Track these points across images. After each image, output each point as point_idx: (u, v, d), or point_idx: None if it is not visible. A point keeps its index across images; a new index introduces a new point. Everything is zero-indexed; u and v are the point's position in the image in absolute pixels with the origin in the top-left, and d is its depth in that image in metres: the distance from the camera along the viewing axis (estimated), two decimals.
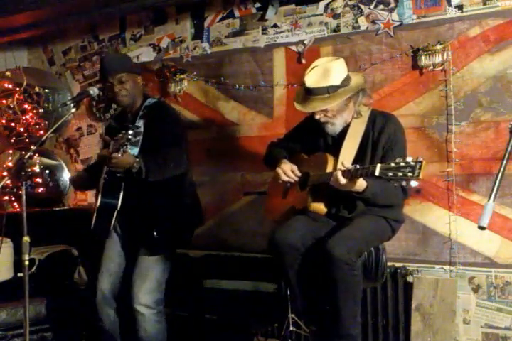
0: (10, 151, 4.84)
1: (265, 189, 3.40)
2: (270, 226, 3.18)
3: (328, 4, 3.73)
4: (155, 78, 4.44)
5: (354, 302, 2.62)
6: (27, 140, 4.80)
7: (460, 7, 3.29)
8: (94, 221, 2.96)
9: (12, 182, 4.51)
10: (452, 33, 3.30)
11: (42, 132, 4.84)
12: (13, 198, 4.72)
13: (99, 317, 3.07)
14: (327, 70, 2.70)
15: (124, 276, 3.07)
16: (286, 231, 2.76)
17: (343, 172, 2.49)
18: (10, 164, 4.71)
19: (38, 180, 4.68)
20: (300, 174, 2.87)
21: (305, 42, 3.80)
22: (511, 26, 3.14)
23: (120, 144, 2.60)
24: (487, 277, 3.21)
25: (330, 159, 2.74)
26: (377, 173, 2.31)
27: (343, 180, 2.49)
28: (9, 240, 3.64)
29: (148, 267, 2.95)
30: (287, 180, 2.89)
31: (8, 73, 4.87)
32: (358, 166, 2.46)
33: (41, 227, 3.58)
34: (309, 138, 2.95)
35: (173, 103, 4.12)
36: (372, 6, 3.56)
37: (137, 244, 2.99)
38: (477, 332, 3.24)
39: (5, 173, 4.57)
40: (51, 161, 4.91)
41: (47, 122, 4.92)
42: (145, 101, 3.04)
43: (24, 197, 2.73)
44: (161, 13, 4.45)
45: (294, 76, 3.81)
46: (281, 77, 3.91)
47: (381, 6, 3.53)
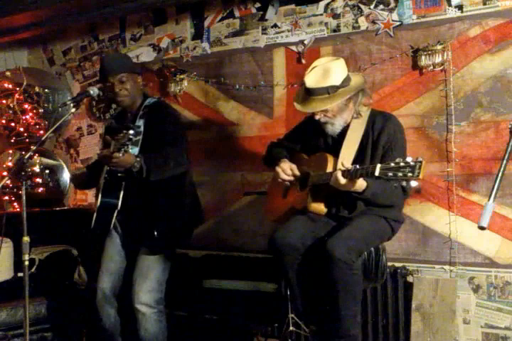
0: (10, 151, 4.85)
1: (265, 189, 3.41)
2: (270, 226, 3.19)
3: (328, 4, 3.73)
4: (155, 78, 4.43)
5: (354, 302, 2.62)
6: (27, 140, 4.81)
7: (460, 7, 3.28)
8: (94, 220, 2.96)
9: (12, 182, 4.51)
10: (452, 33, 3.30)
11: (42, 132, 4.85)
12: (13, 198, 4.73)
13: (99, 316, 3.07)
14: (327, 70, 2.70)
15: (125, 275, 3.08)
16: (286, 231, 2.76)
17: (343, 172, 2.49)
18: (10, 164, 4.72)
19: (38, 180, 4.67)
20: (299, 173, 2.87)
21: (305, 42, 3.80)
22: (511, 26, 3.14)
23: (121, 144, 2.59)
24: (487, 277, 3.21)
25: (330, 159, 2.74)
26: (377, 173, 2.31)
27: (343, 180, 2.49)
28: (9, 240, 3.64)
29: (148, 266, 2.95)
30: (287, 179, 2.89)
31: (8, 73, 4.87)
32: (358, 166, 2.46)
33: (41, 227, 3.59)
34: (309, 138, 2.95)
35: (173, 103, 4.11)
36: (372, 6, 3.56)
37: (137, 243, 3.00)
38: (477, 332, 3.23)
39: (5, 173, 4.57)
40: (51, 161, 4.91)
41: (47, 122, 4.92)
42: (145, 100, 3.04)
43: (24, 197, 2.74)
44: (161, 13, 4.44)
45: (294, 76, 3.81)
46: (281, 77, 3.91)
47: (381, 6, 3.53)
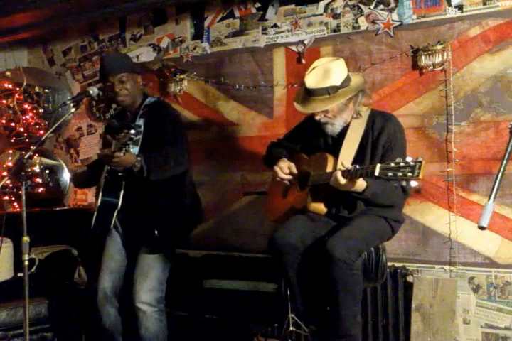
0: (10, 151, 4.85)
1: (265, 189, 3.41)
2: (270, 226, 3.19)
3: (328, 4, 3.73)
4: (155, 78, 4.43)
5: (354, 302, 2.62)
6: (27, 140, 4.81)
7: (460, 7, 3.28)
8: (94, 219, 2.96)
9: (12, 182, 4.51)
10: (452, 33, 3.29)
11: (42, 132, 4.85)
12: (13, 198, 4.73)
13: (99, 316, 3.07)
14: (327, 71, 2.69)
15: (125, 275, 3.08)
16: (286, 230, 2.76)
17: (343, 172, 2.49)
18: (10, 164, 4.72)
19: (38, 180, 4.67)
20: (296, 172, 2.87)
21: (305, 42, 3.80)
22: (511, 26, 3.14)
23: (122, 143, 2.60)
24: (487, 277, 3.21)
25: (330, 159, 2.74)
26: (376, 173, 2.31)
27: (343, 180, 2.48)
28: (9, 240, 3.64)
29: (149, 265, 2.95)
30: (285, 178, 2.88)
31: (8, 73, 4.87)
32: (358, 166, 2.45)
33: (41, 227, 3.59)
34: (309, 138, 2.95)
35: (173, 103, 4.10)
36: (372, 6, 3.56)
37: (138, 243, 3.00)
38: (477, 332, 3.23)
39: (5, 173, 4.57)
40: (51, 161, 4.91)
41: (47, 122, 4.92)
42: (145, 100, 3.05)
43: (24, 197, 2.74)
44: (161, 13, 4.44)
45: (294, 76, 3.81)
46: (281, 77, 3.91)
47: (381, 6, 3.52)
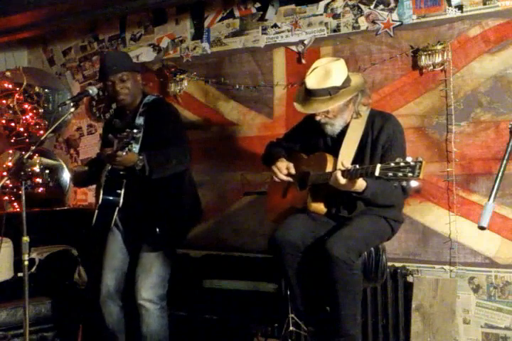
0: (10, 151, 4.85)
1: (265, 189, 3.40)
2: (270, 226, 3.18)
3: (328, 4, 3.73)
4: (155, 78, 4.43)
5: (354, 302, 2.62)
6: (27, 140, 4.81)
7: (460, 7, 3.28)
8: (95, 218, 2.97)
9: (12, 182, 4.51)
10: (452, 33, 3.29)
11: (42, 132, 4.85)
12: (13, 198, 4.73)
13: (102, 315, 3.07)
14: (328, 71, 2.69)
15: (127, 273, 3.09)
16: (286, 229, 2.76)
17: (343, 172, 2.49)
18: (10, 164, 4.72)
19: (38, 180, 4.67)
20: (295, 172, 2.87)
21: (305, 42, 3.80)
22: (511, 26, 3.14)
23: (125, 143, 2.61)
24: (487, 277, 3.21)
25: (330, 159, 2.74)
26: (377, 173, 2.30)
27: (343, 180, 2.48)
28: (9, 240, 3.64)
29: (151, 263, 2.96)
30: (283, 179, 2.88)
31: (8, 73, 4.87)
32: (358, 166, 2.45)
33: (41, 227, 3.59)
34: (308, 138, 2.94)
35: (173, 103, 4.09)
36: (372, 6, 3.55)
37: (139, 241, 3.00)
38: (477, 332, 3.23)
39: (5, 173, 4.57)
40: (51, 161, 4.91)
41: (47, 122, 4.92)
42: (144, 98, 3.05)
43: (24, 197, 2.74)
44: (161, 13, 4.44)
45: (294, 76, 3.81)
46: (281, 77, 3.91)
47: (381, 6, 3.52)
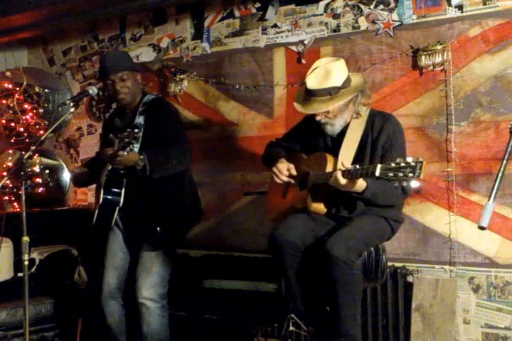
0: (10, 151, 4.85)
1: (265, 189, 3.40)
2: (270, 226, 3.18)
3: (328, 4, 3.73)
4: (155, 78, 4.43)
5: (354, 302, 2.62)
6: (27, 140, 4.81)
7: (460, 7, 3.28)
8: (96, 217, 2.97)
9: (12, 182, 4.51)
10: (452, 33, 3.29)
11: (42, 132, 4.84)
12: (13, 198, 4.73)
13: (103, 313, 3.07)
14: (328, 71, 2.69)
15: (128, 272, 3.09)
16: (286, 229, 2.76)
17: (343, 172, 2.49)
18: (10, 164, 4.71)
19: (38, 180, 4.67)
20: (296, 173, 2.86)
21: (305, 42, 3.80)
22: (511, 26, 3.14)
23: (126, 143, 2.61)
24: (487, 277, 3.21)
25: (330, 159, 2.73)
26: (377, 174, 2.30)
27: (343, 181, 2.48)
28: (9, 240, 3.64)
29: (151, 262, 2.97)
30: (284, 180, 2.88)
31: (8, 73, 4.87)
32: (358, 166, 2.45)
33: (41, 227, 3.59)
34: (308, 138, 2.94)
35: (173, 103, 4.10)
36: (372, 6, 3.55)
37: (139, 240, 3.01)
38: (477, 332, 3.23)
39: (5, 173, 4.57)
40: (51, 161, 4.91)
41: (47, 122, 4.92)
42: (143, 97, 3.05)
43: (24, 197, 2.74)
44: (161, 13, 4.44)
45: (294, 76, 3.81)
46: (281, 77, 3.91)
47: (381, 6, 3.52)
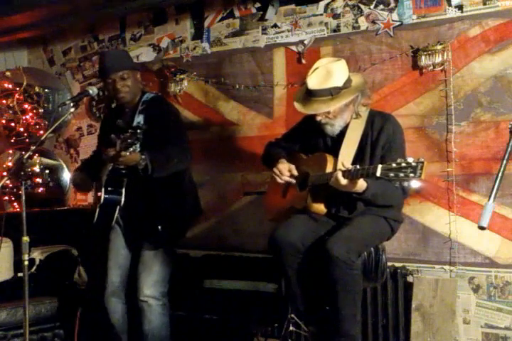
0: (10, 151, 4.85)
1: (265, 189, 3.40)
2: (270, 226, 3.18)
3: (328, 4, 3.73)
4: (155, 78, 4.43)
5: (354, 302, 2.62)
6: (27, 140, 4.80)
7: (460, 7, 3.28)
8: (96, 216, 2.97)
9: (12, 182, 4.51)
10: (452, 33, 3.29)
11: (42, 132, 4.84)
12: (13, 198, 4.73)
13: (106, 312, 3.07)
14: (329, 72, 2.69)
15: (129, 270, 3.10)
16: (286, 230, 2.76)
17: (344, 172, 2.48)
18: (10, 164, 4.71)
19: (38, 180, 4.67)
20: (297, 174, 2.86)
21: (305, 42, 3.80)
22: (511, 26, 3.14)
23: (129, 143, 2.61)
24: (487, 277, 3.21)
25: (330, 159, 2.73)
26: (378, 174, 2.30)
27: (344, 181, 2.48)
28: (9, 240, 3.64)
29: (152, 260, 2.97)
30: (286, 180, 2.87)
31: (8, 73, 4.87)
32: (359, 167, 2.45)
33: (41, 227, 3.58)
34: (308, 138, 2.94)
35: (173, 103, 4.10)
36: (372, 6, 3.56)
37: (140, 239, 3.01)
38: (477, 332, 3.23)
39: (5, 173, 4.57)
40: (51, 161, 4.91)
41: (47, 122, 4.92)
42: (143, 96, 3.05)
43: (24, 197, 2.74)
44: (161, 13, 4.44)
45: (294, 76, 3.81)
46: (281, 77, 3.91)
47: (381, 6, 3.52)
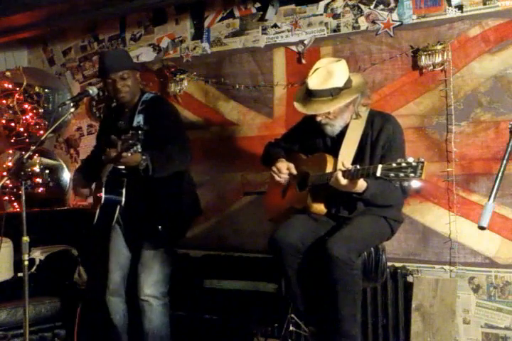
0: (10, 151, 4.85)
1: (265, 189, 3.40)
2: (270, 226, 3.19)
3: (328, 4, 3.73)
4: (155, 78, 4.43)
5: (354, 302, 2.62)
6: (27, 140, 4.80)
7: (460, 7, 3.28)
8: (97, 216, 2.97)
9: (12, 182, 4.51)
10: (452, 33, 3.29)
11: (42, 132, 4.84)
12: (13, 198, 4.73)
13: (107, 311, 3.08)
14: (330, 72, 2.68)
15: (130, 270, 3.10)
16: (286, 230, 2.76)
17: (344, 172, 2.48)
18: (10, 164, 4.71)
19: (38, 180, 4.67)
20: (296, 172, 2.86)
21: (305, 42, 3.80)
22: (511, 26, 3.14)
23: (130, 144, 2.61)
24: (487, 277, 3.21)
25: (330, 159, 2.73)
26: (378, 174, 2.30)
27: (344, 181, 2.48)
28: (9, 240, 3.64)
29: (152, 260, 2.98)
30: (285, 178, 2.87)
31: (8, 73, 4.87)
32: (359, 167, 2.45)
33: (41, 227, 3.58)
34: (307, 138, 2.94)
35: (173, 103, 4.10)
36: (372, 6, 3.56)
37: (140, 239, 3.01)
38: (477, 332, 3.23)
39: (5, 173, 4.57)
40: (51, 161, 4.91)
41: (47, 122, 4.92)
42: (142, 96, 3.06)
43: (24, 197, 2.74)
44: (161, 13, 4.44)
45: (294, 76, 3.81)
46: (281, 77, 3.91)
47: (381, 6, 3.52)
